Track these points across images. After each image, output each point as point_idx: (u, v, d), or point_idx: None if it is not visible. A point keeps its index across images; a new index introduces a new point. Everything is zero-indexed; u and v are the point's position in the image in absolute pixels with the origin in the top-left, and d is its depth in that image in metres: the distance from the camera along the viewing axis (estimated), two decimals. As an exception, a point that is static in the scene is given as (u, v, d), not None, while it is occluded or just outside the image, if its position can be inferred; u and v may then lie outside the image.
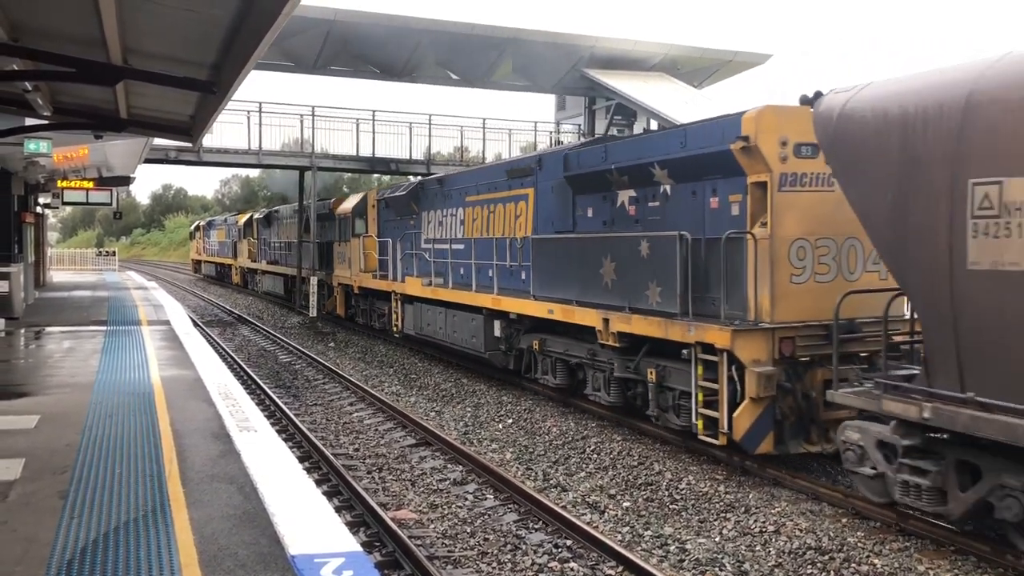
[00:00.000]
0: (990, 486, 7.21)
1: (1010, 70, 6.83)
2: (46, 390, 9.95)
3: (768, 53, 32.54)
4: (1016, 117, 6.52)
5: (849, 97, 8.05)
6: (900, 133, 7.44)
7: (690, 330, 10.18)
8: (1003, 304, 6.79)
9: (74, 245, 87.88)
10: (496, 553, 7.83)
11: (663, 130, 15.23)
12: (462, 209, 17.76)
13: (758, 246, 9.83)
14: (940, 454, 7.69)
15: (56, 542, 5.05)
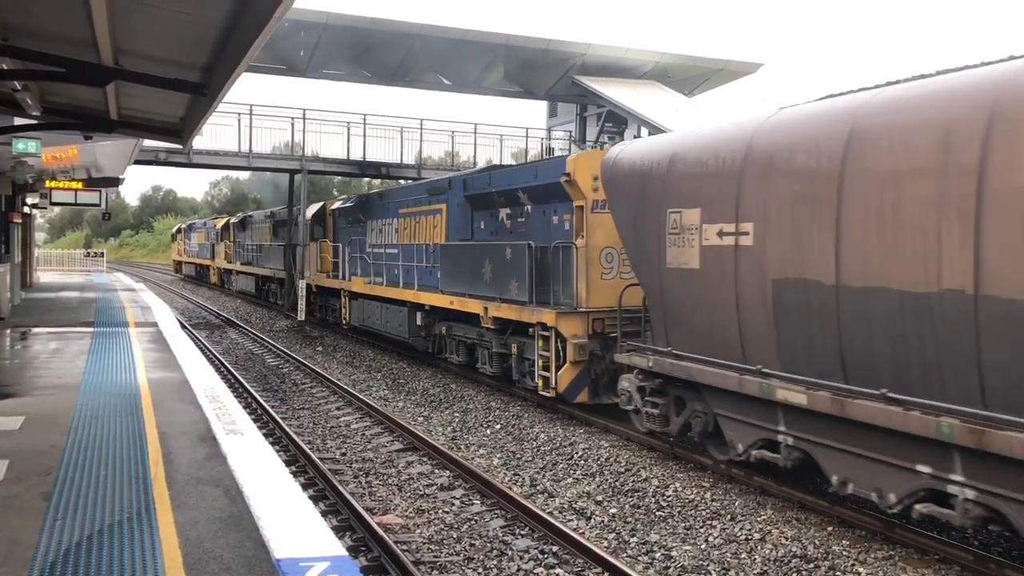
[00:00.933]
0: (690, 411, 10.59)
1: (694, 136, 10.46)
2: (32, 391, 9.89)
3: (759, 62, 32.74)
4: (688, 171, 10.05)
5: (619, 152, 11.58)
6: (638, 179, 10.86)
7: (533, 314, 13.68)
8: (678, 290, 10.28)
9: (62, 246, 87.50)
10: (482, 559, 7.83)
11: (528, 164, 18.41)
12: (397, 219, 21.07)
13: (578, 252, 13.32)
14: (665, 392, 10.97)
15: (39, 544, 5.02)
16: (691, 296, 10.11)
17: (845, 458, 8.34)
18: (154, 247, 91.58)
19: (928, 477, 7.42)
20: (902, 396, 7.46)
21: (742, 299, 9.32)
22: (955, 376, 7.04)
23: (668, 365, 10.51)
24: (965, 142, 6.87)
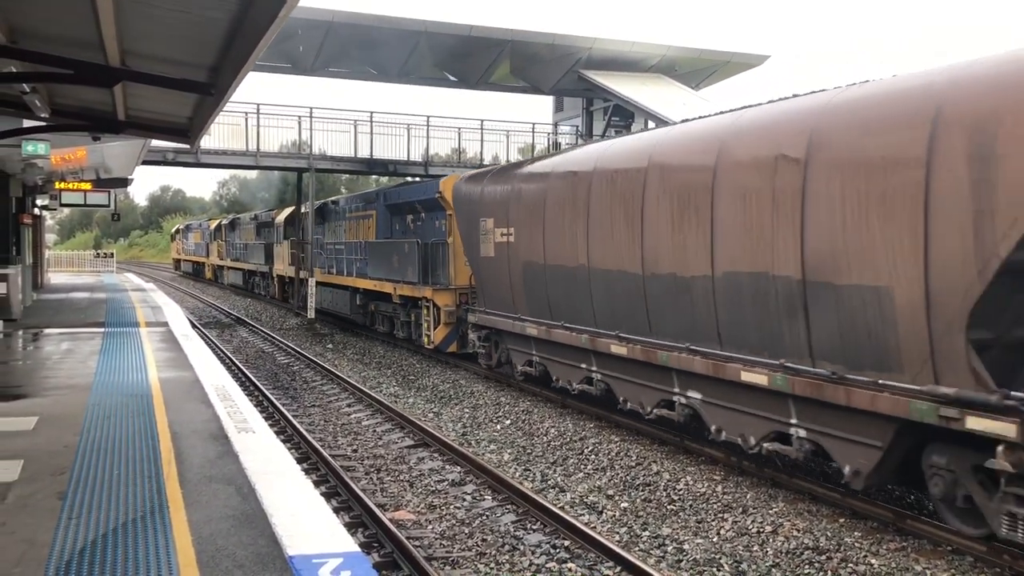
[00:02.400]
0: (502, 350, 16.22)
1: (491, 174, 16.35)
2: (44, 391, 9.95)
3: (765, 54, 32.56)
4: (490, 197, 15.74)
5: (460, 181, 17.58)
6: (467, 200, 16.78)
7: (420, 291, 19.48)
8: (486, 270, 16.13)
9: (72, 247, 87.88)
10: (494, 554, 7.84)
11: (421, 183, 24.47)
12: (345, 222, 26.96)
13: (449, 247, 19.11)
14: (490, 338, 16.66)
15: (54, 543, 5.05)
16: (492, 274, 15.99)
17: (559, 367, 14.02)
18: (163, 247, 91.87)
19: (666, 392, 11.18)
20: (576, 326, 13.06)
21: (512, 275, 15.03)
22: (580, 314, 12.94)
23: (485, 319, 16.42)
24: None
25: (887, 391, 7.80)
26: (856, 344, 8.15)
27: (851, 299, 8.15)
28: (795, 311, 8.79)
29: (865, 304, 7.99)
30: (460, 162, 30.59)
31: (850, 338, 8.21)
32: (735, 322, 9.75)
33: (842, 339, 8.29)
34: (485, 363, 16.92)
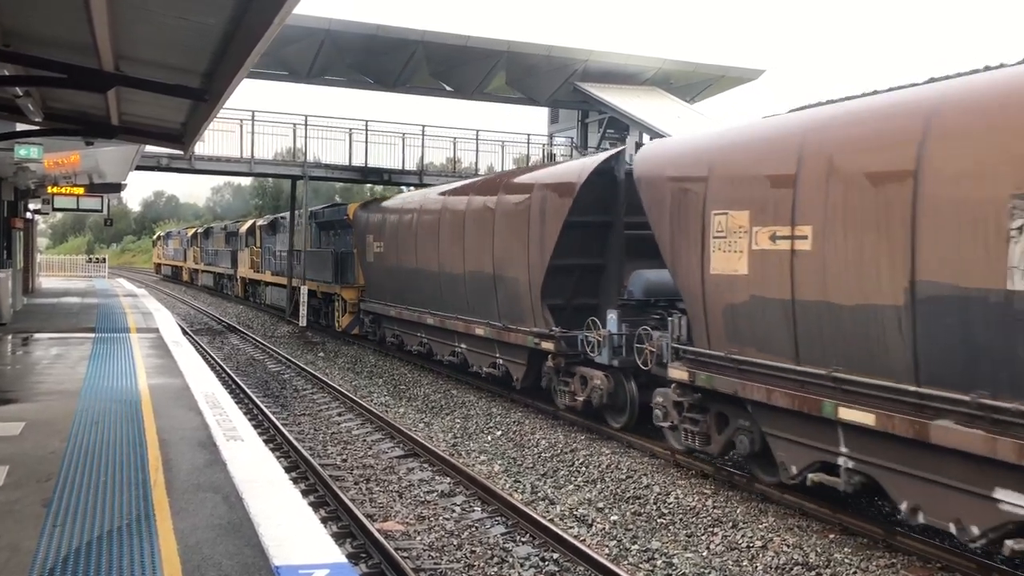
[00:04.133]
0: (381, 329, 22.38)
1: (374, 205, 23.95)
2: (32, 397, 9.88)
3: (761, 69, 32.71)
4: (374, 221, 22.94)
5: (359, 208, 24.25)
6: (363, 222, 23.58)
7: (334, 288, 25.33)
8: (369, 271, 23.34)
9: (64, 251, 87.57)
10: (483, 566, 7.80)
11: (336, 206, 29.72)
12: (288, 234, 31.16)
13: (354, 256, 24.45)
14: (376, 321, 22.88)
15: (38, 550, 5.00)
16: (373, 274, 22.78)
17: (407, 336, 20.31)
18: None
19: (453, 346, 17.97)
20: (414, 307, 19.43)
21: (382, 274, 21.68)
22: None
23: (370, 306, 22.85)
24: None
25: (523, 334, 14.43)
26: (510, 309, 14.99)
27: (509, 285, 14.92)
28: (489, 292, 15.68)
29: (517, 286, 14.63)
30: (455, 172, 30.58)
31: (506, 306, 15.17)
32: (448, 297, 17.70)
33: (509, 307, 15.05)
34: (373, 338, 23.31)
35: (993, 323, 6.75)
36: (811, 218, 8.39)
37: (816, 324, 8.44)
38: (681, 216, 10.30)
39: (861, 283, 7.86)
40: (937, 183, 7.15)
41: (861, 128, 8.13)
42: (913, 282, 7.36)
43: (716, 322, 9.83)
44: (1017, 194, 6.48)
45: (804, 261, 8.50)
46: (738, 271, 9.37)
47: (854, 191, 7.91)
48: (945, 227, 7.07)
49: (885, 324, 7.64)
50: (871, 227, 7.73)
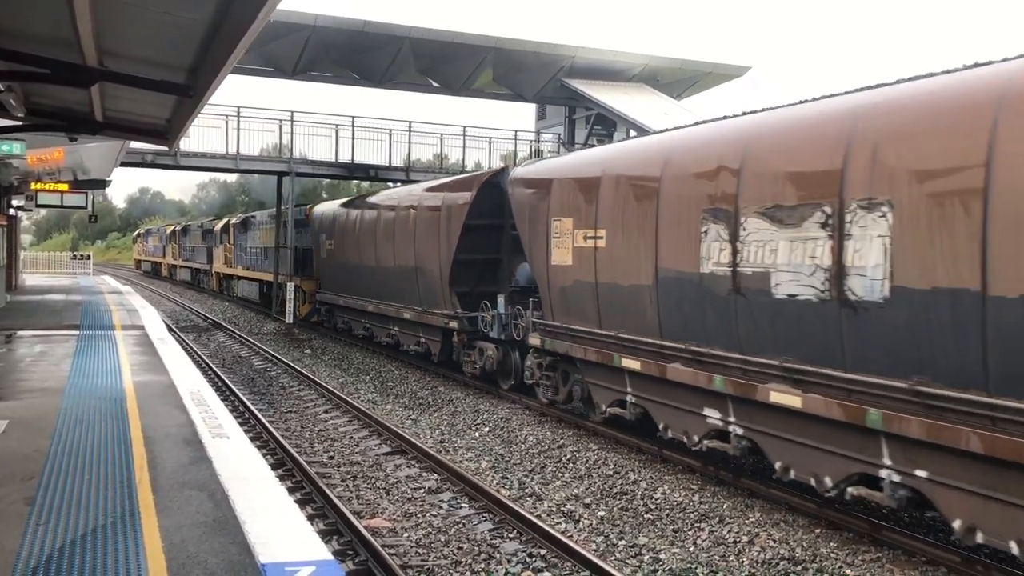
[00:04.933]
0: (335, 317, 25.88)
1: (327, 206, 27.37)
2: (16, 395, 9.80)
3: (747, 65, 32.83)
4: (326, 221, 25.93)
5: (317, 207, 28.30)
6: (319, 223, 27.34)
7: (292, 280, 27.48)
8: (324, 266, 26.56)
9: (48, 248, 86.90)
10: (470, 562, 7.80)
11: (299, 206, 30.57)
12: (259, 231, 34.48)
13: (313, 252, 27.13)
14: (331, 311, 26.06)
15: (22, 549, 4.96)
16: (327, 268, 25.63)
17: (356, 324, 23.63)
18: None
19: (388, 329, 21.35)
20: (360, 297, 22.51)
21: (334, 268, 24.77)
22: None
23: (325, 297, 25.73)
24: None
25: (437, 316, 17.52)
26: (428, 296, 18.04)
27: (427, 276, 18.06)
28: (413, 282, 18.85)
29: (433, 276, 17.60)
30: (442, 168, 30.53)
31: (425, 294, 18.17)
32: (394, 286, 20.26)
33: (427, 294, 18.07)
34: (328, 325, 26.13)
35: (693, 295, 9.91)
36: (606, 224, 11.61)
37: (609, 299, 11.67)
38: (534, 221, 13.63)
39: (633, 270, 11.02)
40: (667, 202, 10.36)
41: (634, 157, 11.62)
42: (657, 269, 10.50)
43: (555, 300, 13.20)
44: (705, 209, 9.59)
45: (602, 254, 11.71)
46: (567, 262, 12.64)
47: (629, 204, 11.12)
48: (670, 231, 10.26)
49: (645, 298, 10.77)
50: (632, 227, 11.01)
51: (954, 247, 6.87)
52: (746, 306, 9.08)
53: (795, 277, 8.43)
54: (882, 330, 7.55)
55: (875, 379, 7.65)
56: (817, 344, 8.24)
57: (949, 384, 7.00)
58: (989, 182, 6.58)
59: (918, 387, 7.22)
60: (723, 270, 9.36)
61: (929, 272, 7.09)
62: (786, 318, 8.61)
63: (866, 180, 7.63)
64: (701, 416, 10.04)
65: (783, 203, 8.59)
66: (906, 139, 7.38)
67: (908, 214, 7.24)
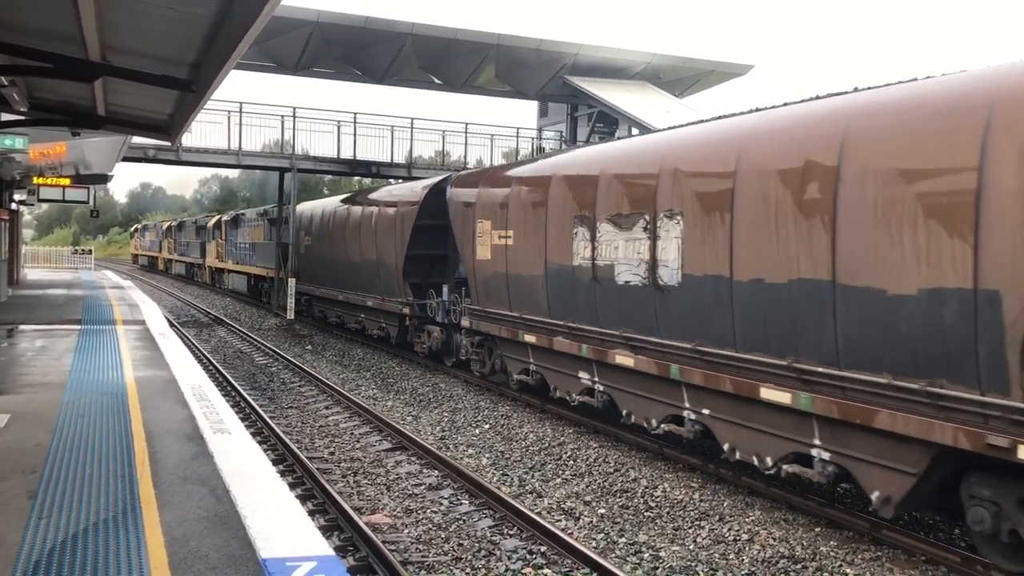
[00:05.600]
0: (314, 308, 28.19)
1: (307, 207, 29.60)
2: (17, 389, 9.82)
3: (750, 64, 32.77)
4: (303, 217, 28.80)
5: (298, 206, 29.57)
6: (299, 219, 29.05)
7: (278, 274, 29.65)
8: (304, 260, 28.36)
9: (49, 243, 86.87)
10: (470, 559, 7.80)
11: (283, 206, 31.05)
12: (248, 228, 36.74)
13: (299, 248, 27.96)
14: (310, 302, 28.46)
15: (23, 543, 4.97)
16: (308, 262, 27.42)
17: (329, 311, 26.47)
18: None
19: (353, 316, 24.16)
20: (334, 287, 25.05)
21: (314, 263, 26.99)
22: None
23: (304, 288, 27.26)
24: None
25: (394, 303, 19.96)
26: (387, 287, 20.36)
27: (386, 269, 20.32)
28: (375, 274, 21.35)
29: (391, 269, 19.99)
30: (444, 165, 30.52)
31: (385, 284, 20.55)
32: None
33: (386, 284, 20.51)
34: (307, 314, 28.51)
35: (569, 283, 12.53)
36: (513, 226, 14.19)
37: (516, 287, 14.19)
38: (465, 223, 16.12)
39: (531, 263, 13.61)
40: (552, 209, 12.96)
41: (532, 174, 14.37)
42: (546, 262, 13.11)
43: (479, 289, 15.69)
44: (575, 216, 12.27)
45: (511, 251, 14.28)
46: (487, 257, 15.14)
47: (528, 211, 13.74)
48: (554, 232, 12.87)
49: (539, 286, 13.41)
50: (530, 230, 13.61)
51: (715, 247, 9.52)
52: (601, 291, 11.80)
53: (628, 268, 11.12)
54: (678, 307, 10.26)
55: (675, 343, 10.26)
56: (642, 318, 10.94)
57: (716, 345, 9.58)
58: (734, 203, 9.23)
59: (698, 347, 9.83)
60: (586, 263, 12.08)
61: (702, 264, 9.76)
62: (624, 299, 11.30)
63: (669, 197, 10.33)
64: (577, 378, 12.71)
65: (622, 212, 11.27)
66: (691, 168, 10.08)
67: (691, 222, 9.92)
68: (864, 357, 7.85)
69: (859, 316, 7.85)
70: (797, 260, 8.43)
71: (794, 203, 8.45)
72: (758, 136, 9.29)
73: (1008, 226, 6.61)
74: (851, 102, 8.32)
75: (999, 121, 6.71)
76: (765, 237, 8.80)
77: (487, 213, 15.15)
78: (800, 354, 8.48)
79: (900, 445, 7.59)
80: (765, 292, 8.85)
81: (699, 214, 9.77)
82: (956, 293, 6.98)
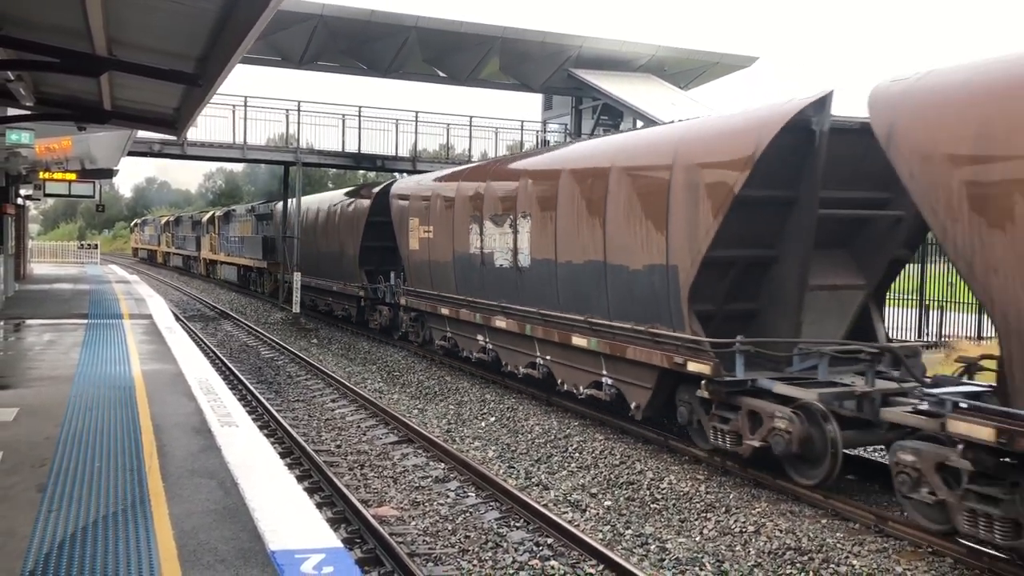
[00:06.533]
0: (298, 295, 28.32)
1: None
2: (26, 383, 9.87)
3: (754, 56, 32.62)
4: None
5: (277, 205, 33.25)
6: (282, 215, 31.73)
7: (263, 263, 34.97)
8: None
9: (56, 238, 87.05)
10: (477, 551, 7.83)
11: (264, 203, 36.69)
12: (238, 223, 40.29)
13: (278, 239, 31.33)
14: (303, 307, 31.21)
15: (34, 536, 5.01)
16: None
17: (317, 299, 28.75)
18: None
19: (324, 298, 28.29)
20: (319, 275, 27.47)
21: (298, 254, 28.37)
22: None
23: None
24: None
25: (353, 287, 23.91)
26: (348, 273, 24.22)
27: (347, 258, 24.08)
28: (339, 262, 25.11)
29: (350, 258, 23.76)
30: (448, 158, 30.48)
31: (347, 271, 24.33)
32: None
33: (348, 271, 24.16)
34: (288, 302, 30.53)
35: (467, 267, 16.40)
36: (433, 223, 17.93)
37: (436, 271, 17.98)
38: (402, 221, 19.90)
39: (445, 252, 17.37)
40: (457, 211, 16.83)
41: (447, 183, 17.90)
42: (454, 251, 17.01)
43: (411, 273, 19.63)
44: (471, 215, 16.06)
45: (432, 242, 18.06)
46: (416, 248, 19.05)
47: (443, 212, 17.47)
48: (459, 228, 16.69)
49: (450, 270, 17.19)
50: (443, 226, 17.40)
51: (546, 238, 13.46)
52: (486, 272, 15.63)
53: (502, 254, 15.02)
54: (529, 282, 14.17)
55: (529, 308, 14.08)
56: (511, 292, 14.79)
57: (550, 308, 13.47)
58: (557, 208, 13.13)
59: (540, 311, 13.72)
60: (478, 251, 15.88)
61: (541, 251, 13.69)
62: (499, 278, 15.17)
63: (524, 203, 14.25)
64: (476, 340, 16.48)
65: (498, 213, 15.19)
66: (534, 181, 14.15)
67: (535, 221, 13.84)
68: (622, 312, 11.68)
69: (619, 285, 11.69)
70: (588, 244, 12.28)
71: (586, 207, 12.38)
72: (570, 160, 13.43)
73: (682, 215, 10.33)
74: (615, 140, 13.32)
75: (680, 156, 10.52)
76: (572, 231, 12.71)
77: (416, 213, 19.03)
78: (591, 312, 12.35)
79: (642, 369, 11.34)
80: (573, 270, 12.77)
81: (539, 215, 13.72)
82: (660, 267, 10.69)
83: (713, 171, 9.89)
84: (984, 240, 7.12)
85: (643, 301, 11.07)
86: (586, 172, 12.55)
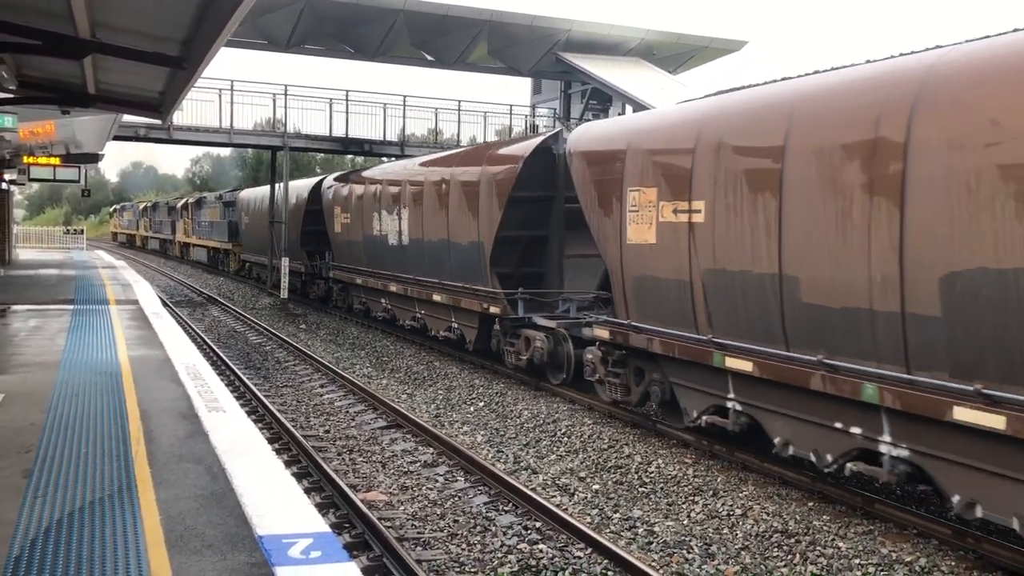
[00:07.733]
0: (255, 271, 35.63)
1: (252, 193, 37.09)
2: (11, 369, 9.80)
3: (744, 40, 32.59)
4: (241, 201, 37.37)
5: (243, 193, 38.31)
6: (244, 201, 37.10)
7: (228, 245, 39.71)
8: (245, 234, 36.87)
9: (41, 223, 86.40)
10: (465, 535, 7.85)
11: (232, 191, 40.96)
12: (208, 209, 43.66)
13: (241, 223, 36.72)
14: (251, 268, 36.64)
15: (19, 521, 4.98)
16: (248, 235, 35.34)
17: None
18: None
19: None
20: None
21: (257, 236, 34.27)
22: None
23: (247, 257, 36.02)
24: None
25: (298, 264, 27.67)
26: (293, 251, 27.43)
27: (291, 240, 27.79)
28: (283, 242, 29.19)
29: (293, 241, 27.72)
30: (436, 143, 30.37)
31: (291, 250, 27.38)
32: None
33: (292, 250, 27.65)
34: (249, 276, 35.77)
35: (372, 244, 20.88)
36: (350, 210, 21.92)
37: (355, 249, 22.09)
38: (330, 209, 24.07)
39: (357, 233, 21.81)
40: (364, 202, 21.53)
41: (382, 175, 21.19)
42: (363, 232, 21.40)
43: (337, 251, 24.07)
44: (373, 205, 20.71)
45: (349, 226, 22.56)
46: (339, 230, 23.60)
47: (356, 202, 21.71)
48: (366, 215, 21.07)
49: (359, 247, 21.75)
50: (357, 213, 21.90)
51: (438, 222, 17.01)
52: (384, 248, 19.98)
53: (393, 235, 19.46)
54: (410, 255, 18.61)
55: (409, 275, 18.73)
56: (399, 263, 19.36)
57: (421, 275, 18.02)
58: (423, 202, 17.77)
59: (416, 277, 18.26)
60: (379, 233, 20.18)
61: (415, 232, 18.14)
62: (391, 252, 19.66)
63: (405, 197, 18.73)
64: (380, 303, 20.84)
65: (390, 203, 19.54)
66: (412, 181, 18.57)
67: (411, 210, 18.32)
68: (459, 275, 16.36)
69: (456, 256, 16.39)
70: (440, 227, 16.93)
71: (438, 202, 17.11)
72: (430, 172, 17.87)
73: (485, 209, 15.26)
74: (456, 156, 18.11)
75: (484, 171, 15.63)
76: (432, 215, 17.32)
77: (339, 203, 23.38)
78: (442, 276, 17.07)
79: (471, 314, 16.02)
80: (433, 246, 17.37)
81: (412, 205, 18.37)
82: (475, 243, 15.54)
83: (499, 180, 14.99)
84: (599, 222, 11.67)
85: (469, 266, 15.96)
86: (439, 179, 17.35)
